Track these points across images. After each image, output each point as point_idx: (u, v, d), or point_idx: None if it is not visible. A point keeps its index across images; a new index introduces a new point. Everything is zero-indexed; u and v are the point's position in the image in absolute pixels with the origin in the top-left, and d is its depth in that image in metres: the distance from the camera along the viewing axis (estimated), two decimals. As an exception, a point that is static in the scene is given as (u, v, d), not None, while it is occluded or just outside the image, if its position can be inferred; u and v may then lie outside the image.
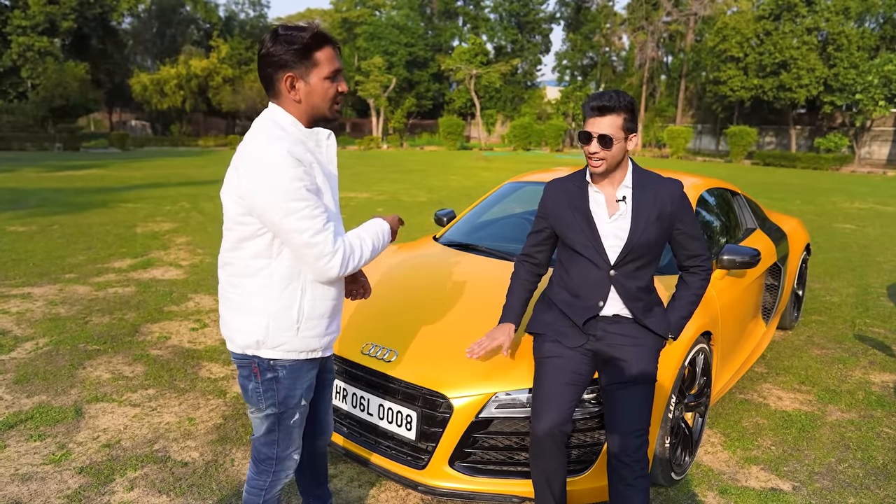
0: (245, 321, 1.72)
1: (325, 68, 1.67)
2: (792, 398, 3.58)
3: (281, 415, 1.80)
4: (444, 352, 2.42)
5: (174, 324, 4.67)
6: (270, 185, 1.57)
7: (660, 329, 2.16)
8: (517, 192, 4.10)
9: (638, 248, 2.12)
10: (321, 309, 1.76)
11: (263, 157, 1.58)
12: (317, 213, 1.61)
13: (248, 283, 1.71)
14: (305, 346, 1.76)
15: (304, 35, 1.62)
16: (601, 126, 2.05)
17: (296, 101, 1.68)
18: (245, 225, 1.66)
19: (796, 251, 4.53)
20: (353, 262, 1.69)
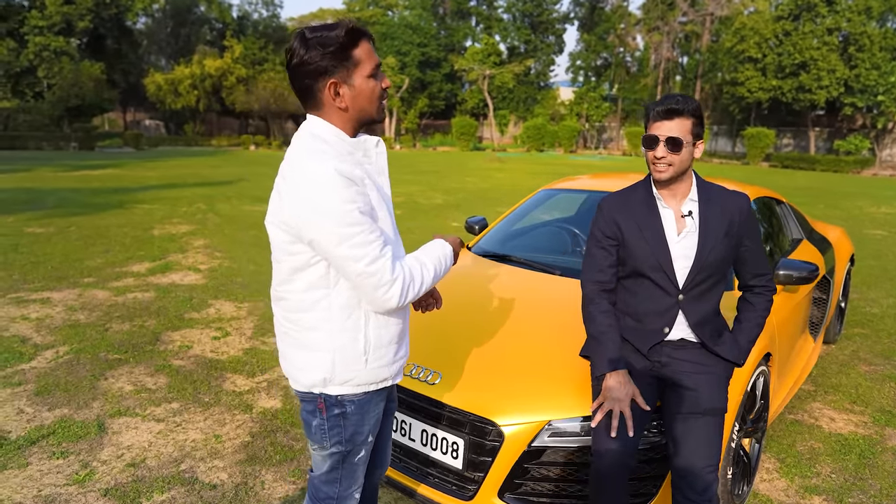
0: (308, 358, 1.58)
1: (366, 66, 1.51)
2: (845, 419, 3.39)
3: (347, 453, 1.65)
4: (492, 375, 2.27)
5: (195, 332, 4.56)
6: (319, 210, 1.41)
7: (731, 356, 2.00)
8: (552, 200, 3.94)
9: (707, 268, 1.96)
10: (389, 335, 1.62)
11: (309, 177, 1.42)
12: (372, 237, 1.44)
13: (306, 317, 1.56)
14: (375, 377, 1.62)
15: (338, 33, 1.45)
16: (669, 129, 1.90)
17: (341, 108, 1.51)
18: (295, 255, 1.51)
19: (842, 262, 4.33)
20: (414, 291, 1.53)
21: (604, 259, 2.08)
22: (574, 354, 2.28)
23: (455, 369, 2.31)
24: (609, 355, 1.97)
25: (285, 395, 3.55)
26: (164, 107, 41.91)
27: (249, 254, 7.26)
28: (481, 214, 10.76)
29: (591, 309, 2.08)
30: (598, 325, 2.04)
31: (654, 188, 2.03)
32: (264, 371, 3.88)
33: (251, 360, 4.06)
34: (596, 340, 2.04)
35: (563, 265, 3.14)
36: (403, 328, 1.69)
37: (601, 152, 41.50)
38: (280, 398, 3.51)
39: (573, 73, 48.85)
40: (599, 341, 2.02)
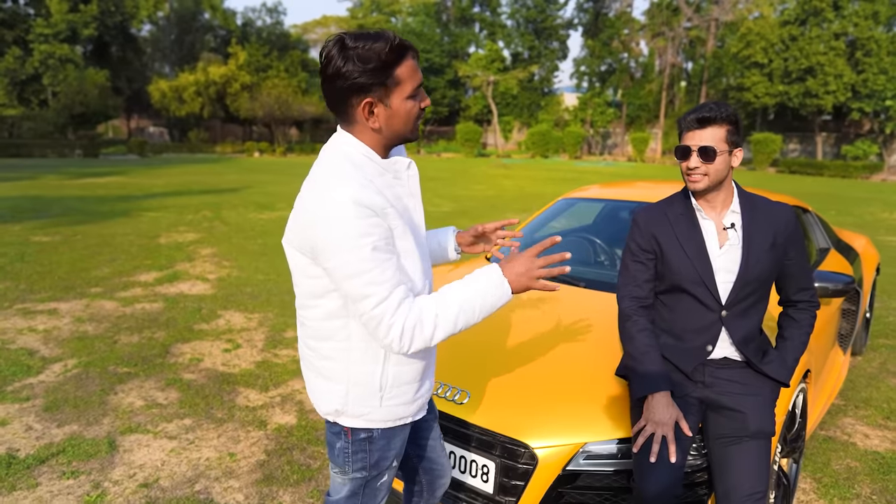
0: (325, 387, 1.51)
1: (407, 86, 1.37)
2: (880, 436, 3.28)
3: (369, 479, 1.57)
4: (523, 394, 2.17)
5: (206, 344, 4.47)
6: (333, 241, 1.30)
7: (779, 375, 1.89)
8: (572, 209, 3.85)
9: (751, 283, 1.86)
10: (410, 373, 1.51)
11: (326, 205, 1.31)
12: (384, 277, 1.32)
13: (324, 346, 1.48)
14: (391, 415, 1.52)
15: (381, 49, 1.31)
16: (702, 138, 1.81)
17: (374, 128, 1.39)
18: (313, 278, 1.41)
19: (869, 272, 4.22)
20: (423, 336, 1.36)
21: (641, 273, 1.99)
22: (608, 372, 2.18)
23: (483, 388, 2.21)
24: (651, 376, 1.87)
25: (300, 410, 3.46)
26: (168, 114, 42.06)
27: (258, 263, 7.18)
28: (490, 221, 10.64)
29: (628, 326, 1.99)
30: (638, 345, 1.94)
31: (693, 199, 1.94)
32: (277, 385, 3.79)
33: (264, 373, 3.96)
34: (636, 360, 1.94)
35: (587, 277, 3.04)
36: (427, 365, 1.58)
37: (606, 158, 41.42)
38: (295, 413, 3.41)
39: (577, 79, 48.87)
40: (640, 361, 1.92)
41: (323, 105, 43.25)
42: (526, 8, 49.08)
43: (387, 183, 1.43)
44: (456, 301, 1.39)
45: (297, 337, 4.68)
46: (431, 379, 1.64)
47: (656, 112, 43.33)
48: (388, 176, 1.45)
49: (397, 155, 1.52)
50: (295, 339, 4.61)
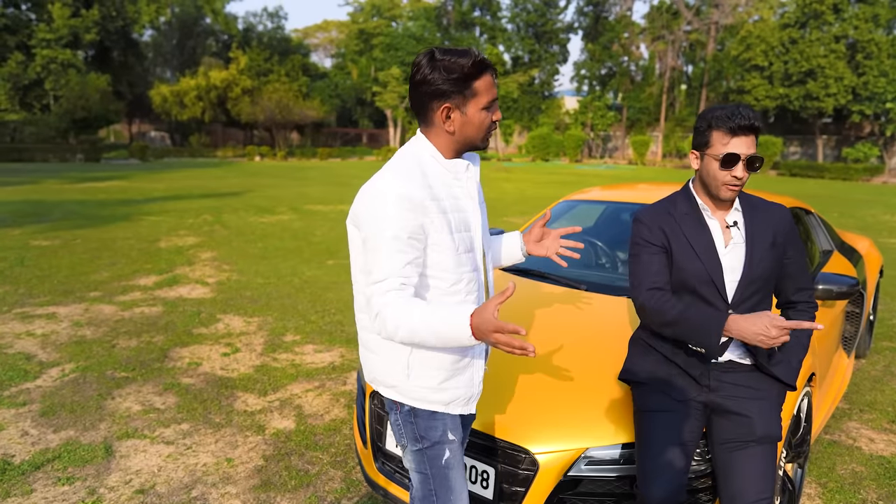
0: (366, 356, 1.71)
1: (483, 98, 1.55)
2: (886, 440, 3.24)
3: (427, 451, 1.64)
4: (523, 398, 2.14)
5: (204, 348, 4.44)
6: (368, 216, 1.52)
7: (787, 377, 1.86)
8: (573, 211, 3.82)
9: (756, 281, 1.84)
10: (434, 360, 1.61)
11: (375, 187, 1.53)
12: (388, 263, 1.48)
13: (365, 318, 1.67)
14: (419, 395, 1.62)
15: (465, 63, 1.51)
16: (748, 146, 1.77)
17: (449, 132, 1.57)
18: (363, 254, 1.60)
19: (873, 274, 4.19)
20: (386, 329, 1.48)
21: (655, 262, 1.91)
22: (610, 377, 2.14)
23: (483, 392, 2.18)
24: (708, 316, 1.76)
25: (298, 415, 3.42)
26: (169, 118, 42.16)
27: (257, 267, 7.15)
28: (492, 223, 10.65)
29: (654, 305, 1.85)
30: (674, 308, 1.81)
31: (699, 198, 1.91)
32: (276, 389, 3.76)
33: (262, 377, 3.93)
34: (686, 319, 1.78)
35: (589, 280, 3.01)
36: (458, 360, 1.64)
37: (607, 161, 41.41)
38: (293, 418, 3.38)
39: (578, 83, 48.92)
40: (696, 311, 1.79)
41: (323, 109, 43.37)
42: (526, 12, 49.16)
43: (445, 182, 1.59)
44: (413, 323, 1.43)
45: (295, 341, 4.68)
46: (467, 379, 1.66)
47: (657, 115, 43.33)
48: (449, 176, 1.60)
49: (469, 161, 1.65)
50: (294, 343, 4.58)
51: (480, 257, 1.68)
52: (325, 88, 47.26)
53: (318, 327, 4.96)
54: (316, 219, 11.27)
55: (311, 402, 3.59)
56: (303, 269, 7.07)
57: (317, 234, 9.50)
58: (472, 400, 1.71)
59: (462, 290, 1.61)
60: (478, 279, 1.67)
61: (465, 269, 1.61)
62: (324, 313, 5.33)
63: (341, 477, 2.80)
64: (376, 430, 2.38)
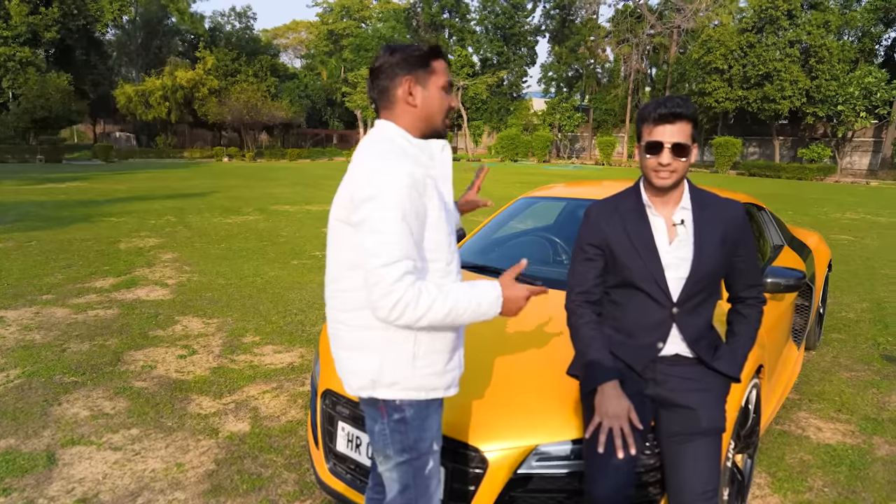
0: (357, 359, 1.58)
1: (441, 78, 1.60)
2: (833, 429, 3.33)
3: (413, 462, 1.60)
4: (474, 396, 2.13)
5: (160, 350, 4.32)
6: (373, 195, 1.45)
7: (730, 370, 1.89)
8: (532, 208, 3.83)
9: (703, 279, 1.85)
10: (441, 342, 1.58)
11: (382, 168, 1.47)
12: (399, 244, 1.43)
13: (358, 315, 1.56)
14: (424, 384, 1.58)
15: (422, 46, 1.60)
16: (674, 134, 1.78)
17: (412, 105, 1.58)
18: (352, 249, 1.53)
19: (822, 268, 4.31)
20: (410, 314, 1.43)
21: (589, 271, 1.97)
22: (562, 372, 2.15)
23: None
24: (597, 367, 1.86)
25: (254, 417, 3.36)
26: (134, 119, 41.12)
27: (219, 267, 7.01)
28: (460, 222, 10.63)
29: (573, 321, 1.98)
30: (583, 336, 1.93)
31: (645, 195, 1.92)
32: (232, 391, 3.68)
33: (219, 379, 3.85)
34: (581, 353, 1.93)
35: (544, 276, 3.02)
36: (458, 337, 1.65)
37: (574, 161, 41.91)
38: (248, 421, 3.31)
39: (545, 85, 49.38)
40: (585, 353, 1.91)
41: (293, 110, 42.85)
42: (494, 14, 49.43)
43: (422, 164, 1.55)
44: (454, 298, 1.49)
45: (255, 342, 4.59)
46: (460, 356, 1.68)
47: (622, 116, 44.02)
48: (424, 157, 1.58)
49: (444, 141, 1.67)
50: (253, 345, 4.50)
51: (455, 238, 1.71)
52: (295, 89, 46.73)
53: (278, 328, 4.88)
54: (282, 219, 11.12)
55: (267, 403, 3.53)
56: (266, 269, 6.96)
57: (282, 235, 9.37)
58: (458, 379, 1.71)
59: (454, 270, 1.61)
60: (457, 263, 1.67)
61: (454, 249, 1.62)
62: (285, 314, 5.25)
63: (295, 480, 2.75)
64: (327, 430, 2.35)
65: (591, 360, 1.88)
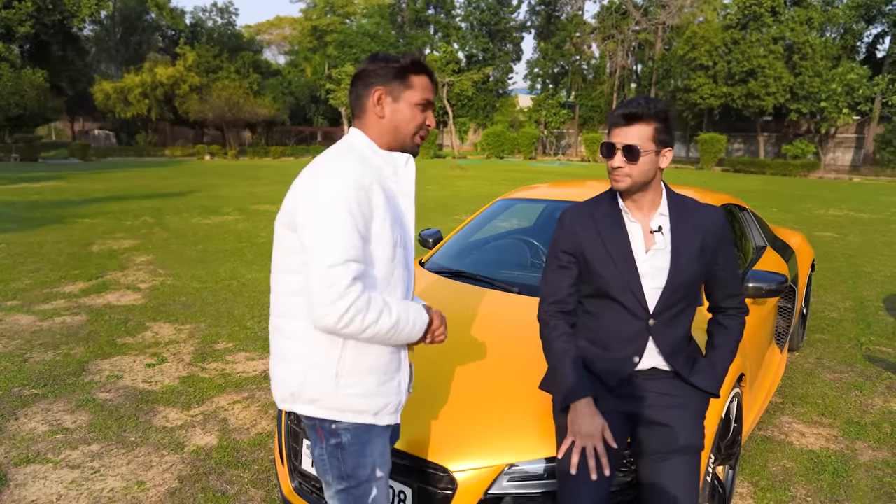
0: (282, 370, 1.53)
1: (417, 93, 1.55)
2: (816, 434, 3.27)
3: (352, 490, 1.52)
4: (442, 411, 2.02)
5: (128, 359, 4.17)
6: (319, 195, 1.39)
7: (708, 386, 1.80)
8: (510, 210, 3.74)
9: (680, 289, 1.76)
10: (367, 363, 1.50)
11: (328, 169, 1.43)
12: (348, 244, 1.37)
13: (289, 324, 1.51)
14: (349, 405, 1.49)
15: (405, 58, 1.55)
16: (627, 136, 1.70)
17: (379, 116, 1.54)
18: (291, 253, 1.47)
19: (804, 269, 4.26)
20: (360, 324, 1.38)
21: (562, 279, 1.87)
22: (534, 386, 2.05)
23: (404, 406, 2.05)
24: (570, 384, 1.76)
25: (222, 429, 3.23)
26: (114, 116, 40.45)
27: (195, 270, 6.84)
28: (441, 222, 10.52)
29: (545, 333, 1.88)
30: (555, 350, 1.83)
31: (620, 200, 1.83)
32: (201, 402, 3.54)
33: (187, 389, 3.71)
34: (554, 368, 1.84)
35: (521, 282, 2.92)
36: (390, 361, 1.55)
37: (560, 158, 41.95)
38: (216, 433, 3.18)
39: (531, 81, 49.36)
40: (558, 368, 1.81)
41: (275, 107, 42.41)
42: (480, 10, 49.29)
43: (383, 176, 1.51)
44: (396, 314, 1.45)
45: (227, 349, 4.45)
46: (399, 382, 1.59)
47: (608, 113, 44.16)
48: (386, 169, 1.54)
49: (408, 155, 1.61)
50: (225, 352, 4.36)
51: (412, 258, 1.63)
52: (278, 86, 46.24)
53: (253, 333, 4.74)
54: (262, 219, 10.93)
55: (237, 414, 3.40)
56: (243, 271, 6.80)
57: (262, 236, 9.19)
58: (399, 408, 1.61)
59: (391, 286, 1.53)
60: (406, 279, 1.58)
61: (397, 266, 1.53)
62: (261, 318, 5.11)
63: (262, 497, 2.63)
64: (292, 447, 2.23)
65: (563, 376, 1.78)
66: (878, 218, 12.82)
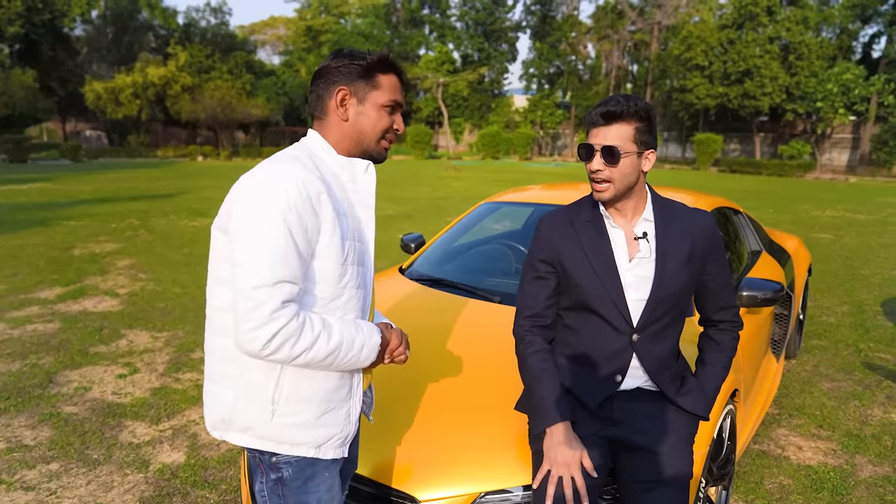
0: (214, 392, 1.38)
1: (385, 94, 1.40)
2: (814, 448, 3.13)
3: None
4: (411, 434, 1.87)
5: (98, 369, 4.00)
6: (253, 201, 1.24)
7: (696, 408, 1.65)
8: (495, 214, 3.58)
9: (666, 301, 1.62)
10: (308, 390, 1.34)
11: (263, 172, 1.27)
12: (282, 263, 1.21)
13: (222, 343, 1.35)
14: (284, 436, 1.34)
15: (373, 55, 1.40)
16: (606, 136, 1.55)
17: (342, 119, 1.39)
18: (224, 261, 1.33)
19: (801, 274, 4.12)
20: (287, 351, 1.23)
21: (539, 291, 1.73)
22: (510, 407, 1.90)
23: (371, 429, 1.90)
24: (546, 406, 1.62)
25: (192, 445, 3.06)
26: (105, 117, 40.14)
27: (177, 275, 6.67)
28: (434, 224, 10.37)
29: (521, 350, 1.73)
30: (530, 368, 1.69)
31: (602, 205, 1.68)
32: (172, 416, 3.38)
33: (158, 402, 3.54)
34: (529, 388, 1.69)
35: (504, 290, 2.77)
36: (338, 388, 1.39)
37: (556, 159, 41.85)
38: (185, 450, 3.01)
39: (526, 81, 49.24)
40: (533, 389, 1.66)
41: (269, 108, 42.16)
42: (475, 10, 49.16)
43: (339, 184, 1.39)
44: (338, 338, 1.30)
45: (204, 358, 4.28)
46: (353, 410, 1.44)
47: (604, 114, 44.03)
48: (344, 177, 1.41)
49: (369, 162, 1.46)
50: (202, 361, 4.19)
51: (371, 276, 1.48)
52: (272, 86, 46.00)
53: (231, 342, 4.57)
54: (251, 221, 10.74)
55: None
56: (227, 276, 6.62)
57: (249, 238, 9.01)
58: (346, 440, 1.45)
59: (340, 307, 1.37)
60: (361, 299, 1.43)
61: (348, 284, 1.37)
62: (241, 326, 4.94)
63: (226, 521, 2.47)
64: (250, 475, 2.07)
65: (539, 397, 1.64)
66: (874, 219, 12.72)
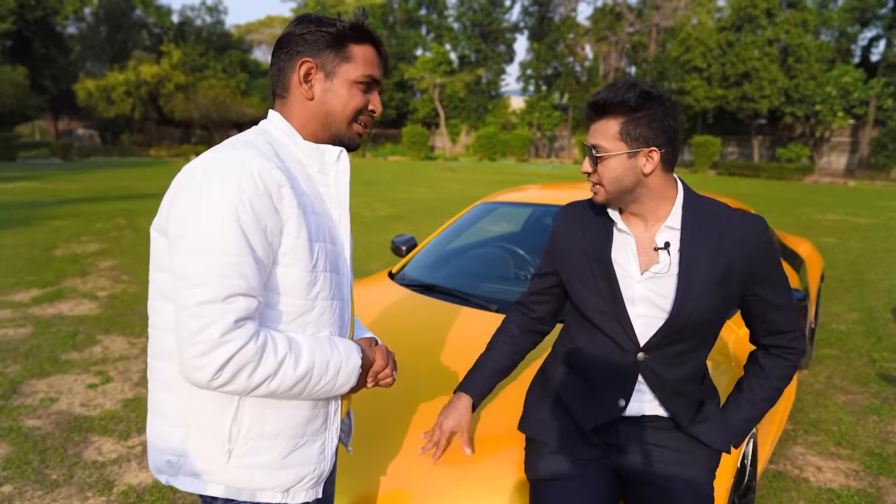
0: (160, 429, 1.12)
1: (358, 68, 1.16)
2: (834, 468, 2.90)
3: None
4: (397, 462, 1.63)
5: (68, 378, 3.75)
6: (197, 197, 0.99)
7: (714, 441, 1.41)
8: (491, 215, 3.35)
9: (684, 329, 1.35)
10: (276, 423, 1.10)
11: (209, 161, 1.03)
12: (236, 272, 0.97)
13: (166, 368, 1.09)
14: (243, 481, 1.09)
15: (344, 22, 1.15)
16: (595, 133, 1.33)
17: (307, 97, 1.15)
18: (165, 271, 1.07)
19: (815, 280, 3.90)
20: (244, 381, 0.99)
21: (537, 281, 1.63)
22: (512, 428, 1.66)
23: (350, 461, 1.66)
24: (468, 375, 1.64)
25: (161, 465, 2.81)
26: (97, 115, 39.81)
27: (161, 276, 6.40)
28: (429, 226, 10.13)
29: (498, 329, 1.71)
30: (489, 344, 1.69)
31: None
32: (142, 430, 3.13)
33: (130, 414, 3.30)
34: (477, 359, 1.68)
35: (502, 297, 2.53)
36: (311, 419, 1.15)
37: (553, 161, 41.69)
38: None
39: (524, 83, 49.09)
40: (477, 360, 1.67)
41: (265, 107, 41.92)
42: (472, 11, 48.99)
43: (305, 174, 1.15)
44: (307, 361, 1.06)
45: (176, 369, 4.04)
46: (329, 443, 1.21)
47: (601, 115, 43.91)
48: (311, 167, 1.17)
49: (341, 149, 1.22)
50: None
51: (348, 284, 1.24)
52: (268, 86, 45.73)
53: (212, 349, 4.32)
54: (241, 222, 10.50)
55: (180, 446, 2.99)
56: (213, 278, 6.37)
57: (238, 239, 8.76)
58: (321, 479, 1.21)
59: (311, 323, 1.13)
60: (338, 312, 1.19)
61: (320, 295, 1.13)
62: (224, 331, 4.69)
63: (191, 555, 2.23)
64: None
65: (472, 369, 1.65)
66: (876, 223, 12.55)
